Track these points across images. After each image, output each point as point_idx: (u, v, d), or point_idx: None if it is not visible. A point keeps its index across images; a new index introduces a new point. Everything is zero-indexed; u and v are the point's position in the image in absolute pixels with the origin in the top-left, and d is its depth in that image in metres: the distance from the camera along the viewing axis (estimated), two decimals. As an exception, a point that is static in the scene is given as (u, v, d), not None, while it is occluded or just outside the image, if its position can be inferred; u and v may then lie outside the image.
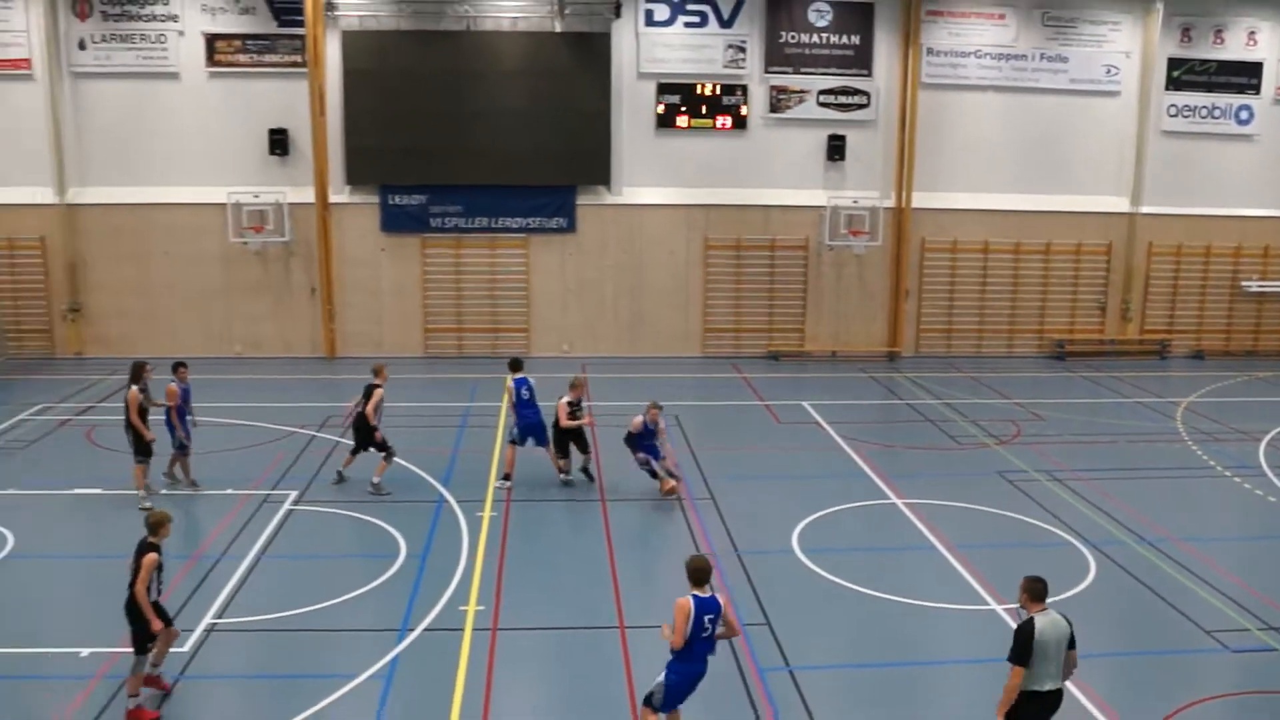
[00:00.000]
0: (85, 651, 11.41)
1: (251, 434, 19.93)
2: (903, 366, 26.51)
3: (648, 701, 9.28)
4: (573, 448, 17.17)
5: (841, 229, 26.20)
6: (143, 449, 15.90)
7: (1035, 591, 8.81)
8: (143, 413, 15.87)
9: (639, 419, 16.24)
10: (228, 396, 22.47)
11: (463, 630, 11.91)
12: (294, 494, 16.53)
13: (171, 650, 10.87)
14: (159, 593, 10.30)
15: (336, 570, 13.62)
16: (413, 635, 11.75)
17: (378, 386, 16.56)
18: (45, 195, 26.19)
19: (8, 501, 15.86)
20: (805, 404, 22.35)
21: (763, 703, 10.47)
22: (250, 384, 24.07)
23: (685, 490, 16.71)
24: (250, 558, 14.00)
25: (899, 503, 16.40)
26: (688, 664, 9.16)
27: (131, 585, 10.02)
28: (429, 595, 12.73)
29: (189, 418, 16.68)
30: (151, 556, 10.03)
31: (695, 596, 9.12)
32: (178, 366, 16.74)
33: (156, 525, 10.31)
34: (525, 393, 17.24)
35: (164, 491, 16.31)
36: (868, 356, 27.10)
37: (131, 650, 10.15)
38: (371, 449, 16.68)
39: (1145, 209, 27.61)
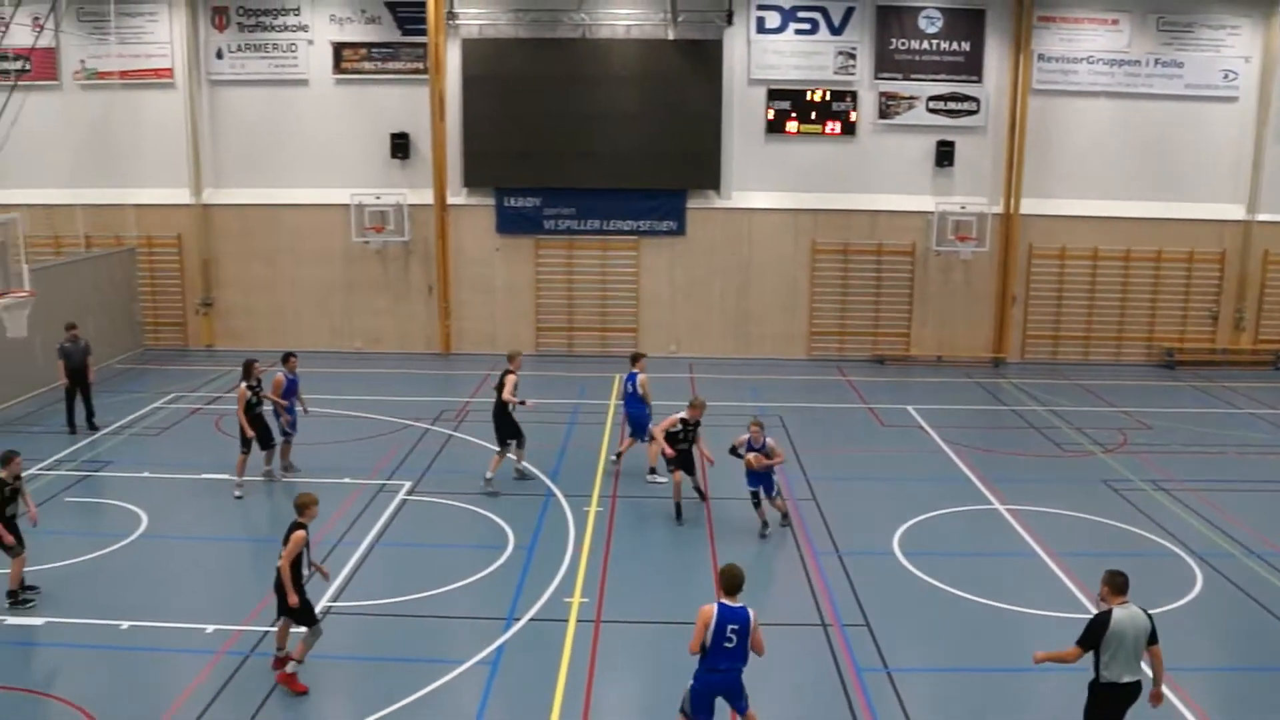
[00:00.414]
0: (210, 628, 12.27)
1: (369, 426, 20.85)
2: (1008, 372, 26.46)
3: (681, 707, 9.50)
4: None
5: (949, 234, 26.26)
6: (245, 441, 16.78)
7: (1116, 584, 9.02)
8: (249, 408, 16.76)
9: (743, 437, 15.37)
10: (347, 389, 23.48)
11: (567, 621, 12.41)
12: (408, 484, 17.33)
13: (290, 630, 11.68)
14: (307, 569, 11.08)
15: (447, 559, 14.29)
16: (519, 624, 12.30)
17: (510, 372, 17.19)
18: (182, 196, 27.64)
19: (142, 483, 16.92)
20: (909, 408, 22.53)
21: (860, 703, 10.73)
22: (368, 378, 25.06)
23: (789, 492, 17.04)
24: (365, 544, 14.77)
25: (1001, 508, 16.50)
26: (707, 672, 9.27)
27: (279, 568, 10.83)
28: (535, 586, 13.30)
29: (297, 408, 17.79)
30: (299, 534, 10.80)
31: (721, 605, 9.20)
32: (287, 357, 17.99)
33: (303, 507, 11.06)
34: (629, 387, 18.02)
35: (275, 479, 17.26)
36: (973, 361, 27.10)
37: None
38: (501, 444, 17.10)
39: (1262, 216, 27.04)
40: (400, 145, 27.02)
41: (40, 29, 23.80)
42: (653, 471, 17.80)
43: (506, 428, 17.18)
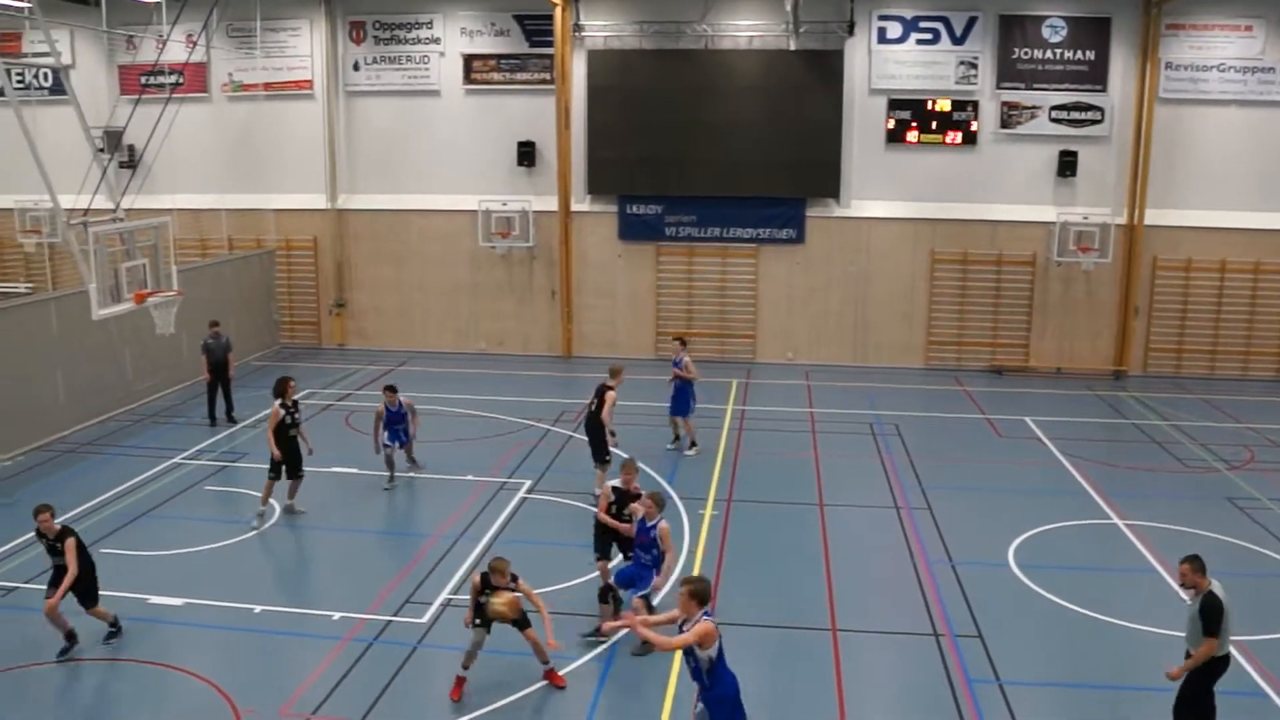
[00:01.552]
0: (336, 615, 12.97)
1: (491, 425, 21.52)
2: (1129, 385, 26.00)
3: None
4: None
5: (1070, 245, 25.91)
6: (273, 465, 16.09)
7: (1200, 564, 9.55)
8: (281, 429, 16.11)
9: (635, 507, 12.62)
10: (470, 389, 24.24)
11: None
12: (528, 483, 17.90)
13: (409, 620, 12.26)
14: None
15: (564, 557, 14.69)
16: (634, 623, 12.75)
17: (610, 388, 17.12)
18: (318, 201, 28.84)
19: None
20: (1027, 419, 22.36)
21: (970, 713, 10.83)
22: (491, 379, 25.78)
23: (903, 499, 17.19)
24: (485, 540, 15.34)
25: (1120, 523, 16.34)
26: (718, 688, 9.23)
27: None
28: (647, 585, 13.72)
29: (398, 439, 17.58)
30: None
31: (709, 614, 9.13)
32: (387, 389, 17.68)
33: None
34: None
35: (295, 512, 16.55)
36: (1093, 374, 26.70)
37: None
38: (596, 460, 17.13)
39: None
40: (526, 153, 27.75)
41: (193, 45, 25.10)
42: (693, 445, 19.71)
43: (601, 446, 17.13)
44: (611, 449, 17.16)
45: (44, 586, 12.13)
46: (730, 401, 23.53)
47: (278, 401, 16.19)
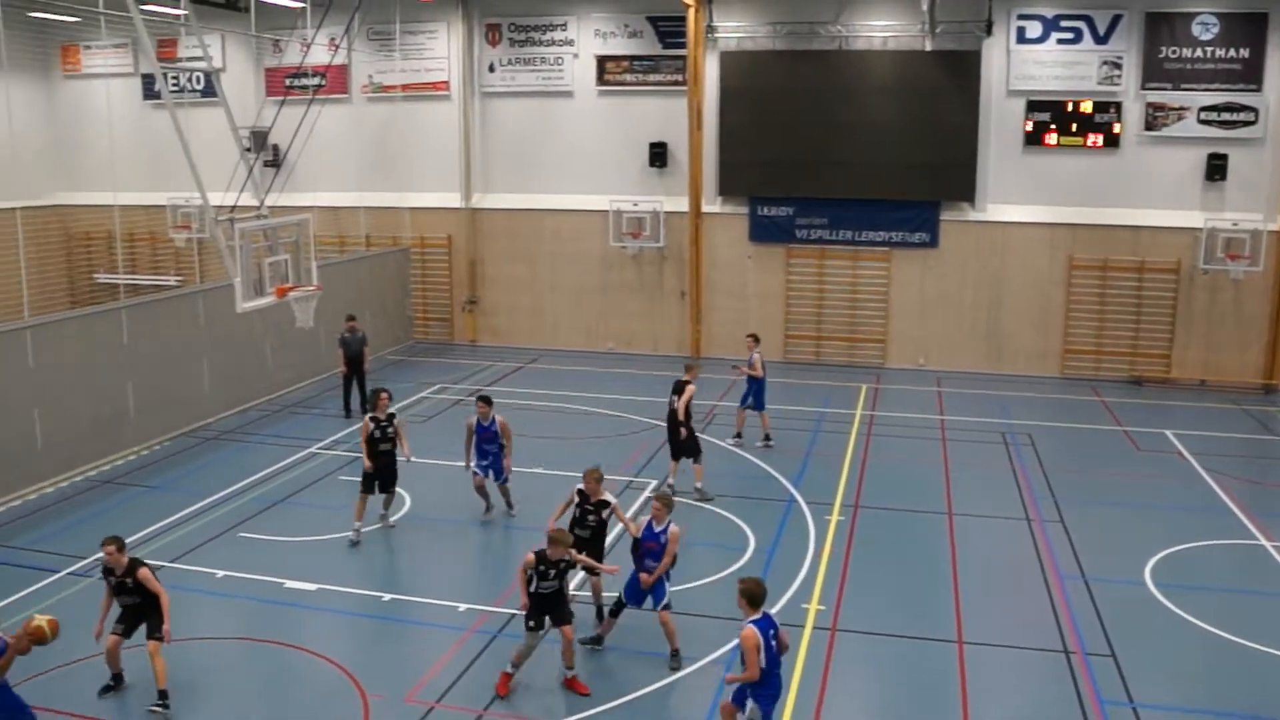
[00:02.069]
0: (462, 606, 13.23)
1: (619, 424, 21.67)
2: (1281, 400, 24.97)
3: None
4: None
5: (1218, 252, 24.82)
6: (366, 480, 15.45)
7: None
8: (372, 443, 15.41)
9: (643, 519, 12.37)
10: (599, 388, 24.44)
11: (803, 627, 12.67)
12: (653, 483, 17.92)
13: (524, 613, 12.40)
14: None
15: (688, 557, 14.54)
16: (756, 625, 12.70)
17: (688, 383, 17.39)
18: (453, 200, 29.42)
19: (407, 468, 17.89)
20: (1167, 432, 21.59)
21: (1098, 733, 10.51)
22: (620, 378, 25.94)
23: (1035, 512, 16.79)
24: (610, 538, 15.40)
25: (1268, 544, 15.64)
26: (770, 688, 9.29)
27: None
28: (773, 590, 13.30)
29: (488, 467, 16.02)
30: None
31: (756, 622, 9.23)
32: (480, 400, 16.11)
33: (553, 543, 11.10)
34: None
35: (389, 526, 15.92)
36: (1240, 387, 25.57)
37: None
38: (688, 456, 17.27)
39: None
40: (658, 154, 27.87)
41: (335, 48, 25.80)
42: (767, 439, 20.03)
43: (682, 442, 17.24)
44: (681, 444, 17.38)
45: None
46: (859, 406, 23.27)
47: (368, 415, 15.66)
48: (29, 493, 17.22)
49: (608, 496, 12.75)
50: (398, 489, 16.11)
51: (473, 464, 15.99)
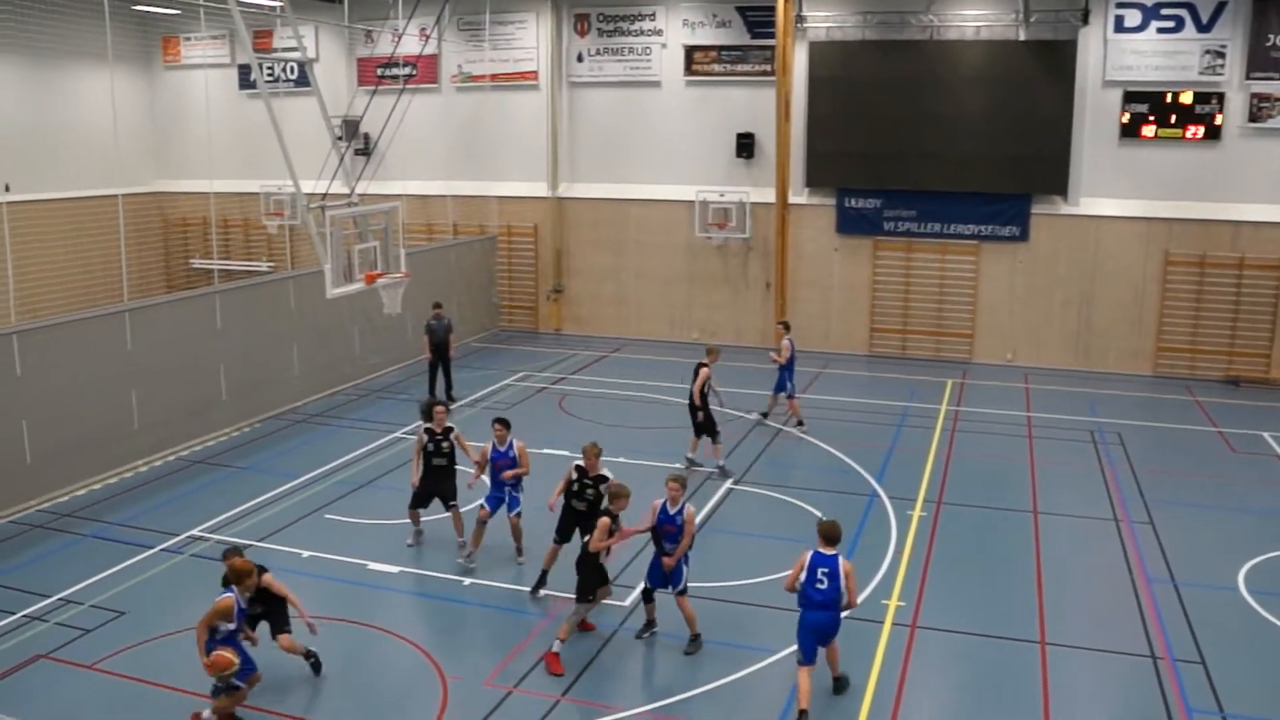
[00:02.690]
0: (542, 592, 13.32)
1: (702, 417, 21.62)
2: (1388, 402, 24.05)
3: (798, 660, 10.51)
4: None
5: (1323, 249, 24.10)
6: (415, 497, 14.72)
7: None
8: (425, 455, 14.57)
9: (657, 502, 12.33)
10: (682, 378, 24.31)
11: (882, 623, 12.57)
12: (735, 475, 17.95)
13: (610, 603, 12.49)
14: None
15: (768, 549, 14.66)
16: (835, 620, 12.62)
17: (705, 365, 17.99)
18: (540, 189, 29.60)
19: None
20: (1265, 434, 20.93)
21: (1187, 743, 10.27)
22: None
23: (1124, 512, 16.43)
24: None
25: (1371, 554, 15.09)
26: (802, 609, 10.54)
27: (585, 542, 11.64)
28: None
29: (497, 499, 14.30)
30: (604, 521, 11.59)
31: (816, 552, 10.60)
32: (497, 423, 14.27)
33: (614, 497, 11.86)
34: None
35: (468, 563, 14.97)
36: (1346, 388, 24.79)
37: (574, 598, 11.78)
38: (702, 434, 17.99)
39: None
40: (745, 145, 27.74)
41: (426, 39, 26.13)
42: (800, 424, 20.53)
43: (699, 424, 18.04)
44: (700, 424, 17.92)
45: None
46: (944, 401, 22.96)
47: (423, 427, 14.68)
48: (125, 471, 17.74)
49: (605, 471, 13.02)
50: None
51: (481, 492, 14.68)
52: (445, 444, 14.56)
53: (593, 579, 11.77)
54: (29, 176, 26.34)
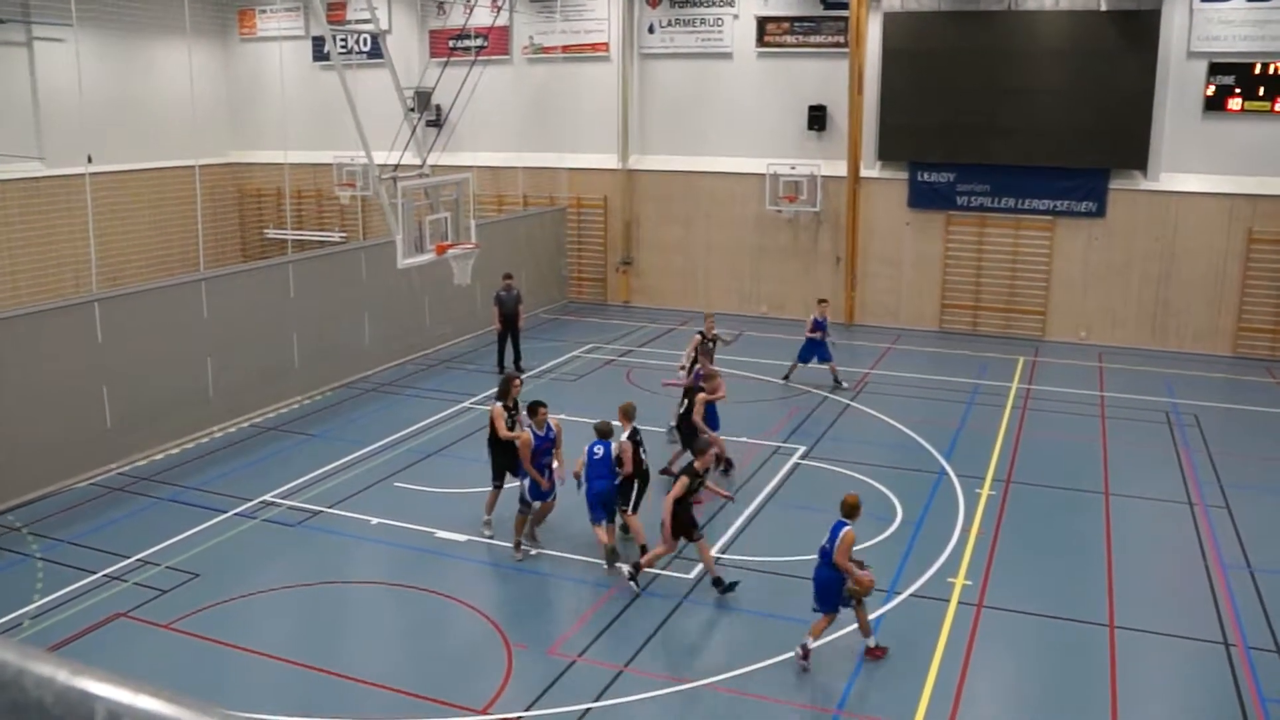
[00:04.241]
0: (607, 565, 13.35)
1: (770, 389, 21.56)
2: None
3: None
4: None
5: None
6: (498, 472, 14.35)
7: None
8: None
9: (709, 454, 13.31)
10: (751, 352, 24.27)
11: (948, 601, 12.47)
12: (802, 449, 17.84)
13: (679, 576, 12.52)
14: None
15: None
16: (899, 598, 12.49)
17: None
18: (610, 161, 29.56)
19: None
20: (1349, 418, 20.47)
21: (1261, 732, 10.07)
22: (772, 342, 25.65)
23: (1198, 496, 16.10)
24: (757, 502, 15.44)
25: None
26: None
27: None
28: (919, 562, 13.43)
29: (540, 492, 13.68)
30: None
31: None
32: (535, 408, 13.80)
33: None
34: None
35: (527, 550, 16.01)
36: None
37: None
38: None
39: None
40: (817, 117, 27.45)
41: (498, 10, 26.19)
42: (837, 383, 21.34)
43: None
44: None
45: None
46: (1015, 379, 22.63)
47: (499, 402, 14.37)
48: (201, 436, 18.11)
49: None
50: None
51: (525, 489, 13.78)
52: (519, 414, 14.31)
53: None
54: (110, 148, 26.85)
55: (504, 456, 14.23)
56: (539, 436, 13.57)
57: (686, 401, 16.12)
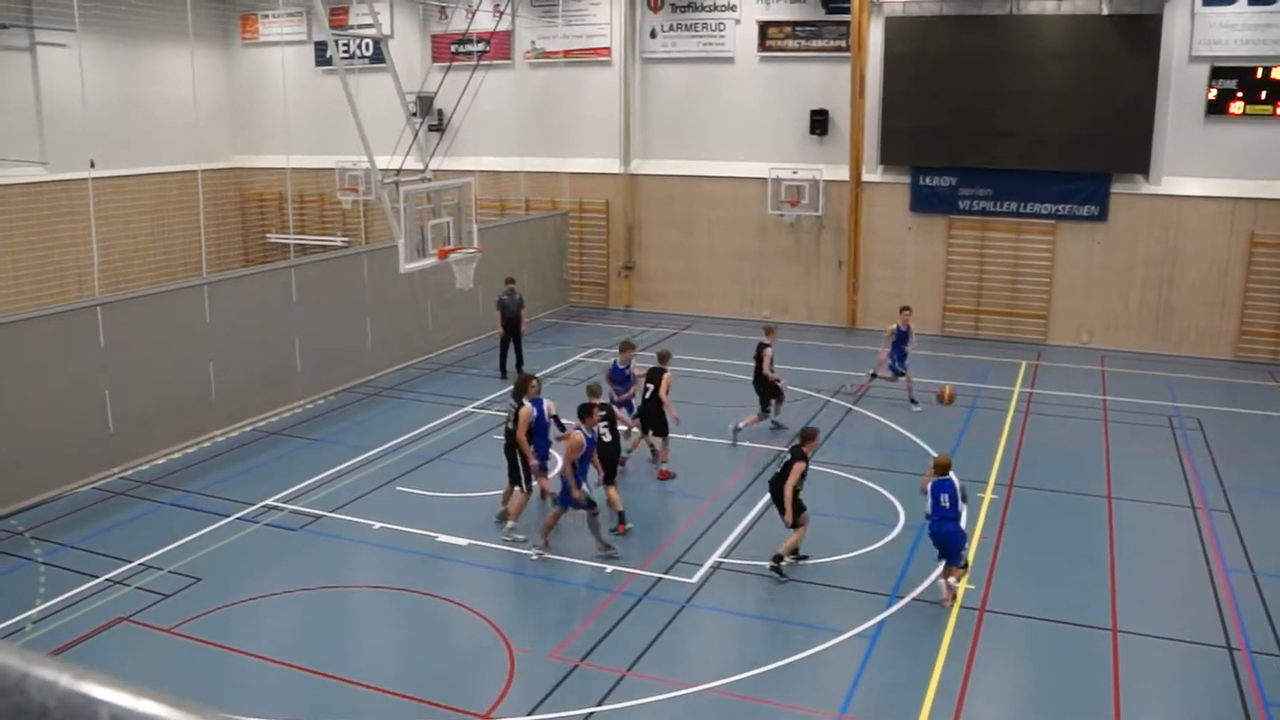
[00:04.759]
0: (609, 568, 13.39)
1: (771, 395, 21.53)
2: None
3: None
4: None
5: None
6: (523, 474, 14.54)
7: None
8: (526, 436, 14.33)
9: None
10: (752, 356, 24.29)
11: (950, 605, 12.51)
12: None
13: (681, 580, 12.50)
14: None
15: (837, 529, 14.60)
16: (902, 602, 12.48)
17: (767, 346, 18.50)
18: (612, 166, 29.58)
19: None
20: (1351, 421, 20.44)
21: (1264, 738, 10.04)
22: (774, 346, 25.72)
23: (1201, 500, 16.10)
24: (760, 506, 15.34)
25: None
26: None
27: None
28: (922, 567, 13.35)
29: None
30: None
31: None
32: (525, 385, 14.65)
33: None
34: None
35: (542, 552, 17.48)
36: None
37: None
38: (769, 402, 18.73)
39: None
40: (819, 122, 27.46)
41: (500, 15, 26.23)
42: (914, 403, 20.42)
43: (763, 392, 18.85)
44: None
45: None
46: (1018, 383, 22.61)
47: (517, 404, 14.48)
48: (203, 440, 18.12)
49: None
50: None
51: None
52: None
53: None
54: (113, 152, 26.89)
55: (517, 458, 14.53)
56: (588, 440, 13.53)
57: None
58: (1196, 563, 13.94)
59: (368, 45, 30.91)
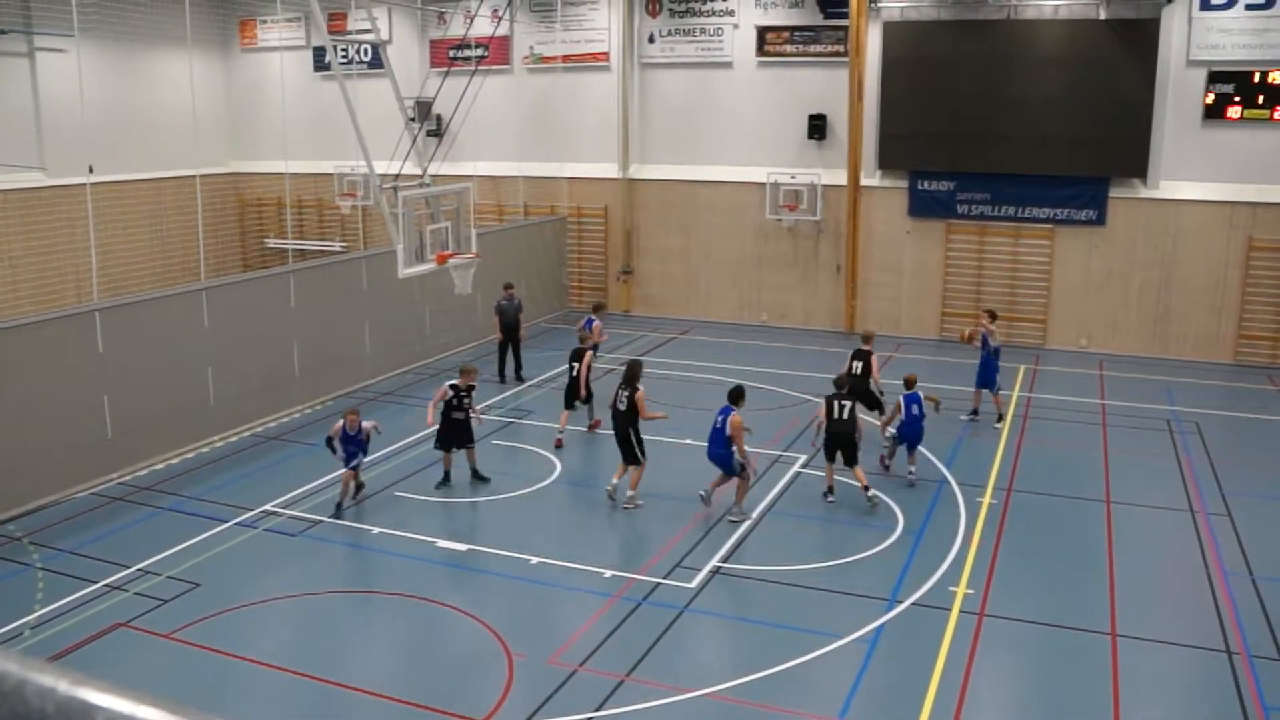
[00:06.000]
0: (608, 573, 13.38)
1: (770, 398, 21.50)
2: None
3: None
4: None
5: None
6: (441, 439, 16.43)
7: None
8: (446, 407, 16.10)
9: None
10: (751, 360, 24.35)
11: (950, 610, 12.43)
12: (803, 458, 17.77)
13: (679, 585, 12.49)
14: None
15: (834, 534, 14.67)
16: (900, 607, 12.47)
17: (871, 353, 18.66)
18: (610, 170, 29.62)
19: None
20: (1349, 425, 20.43)
21: (1262, 743, 10.02)
22: (772, 351, 25.77)
23: (1200, 504, 16.10)
24: (758, 511, 15.42)
25: None
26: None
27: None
28: (920, 571, 13.40)
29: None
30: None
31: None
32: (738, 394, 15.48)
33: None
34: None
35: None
36: None
37: None
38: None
39: None
40: (817, 126, 27.49)
41: (498, 20, 26.24)
42: (1000, 418, 20.12)
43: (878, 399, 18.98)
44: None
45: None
46: (1016, 388, 22.62)
47: (449, 383, 16.25)
48: (202, 445, 18.11)
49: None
50: (548, 453, 16.43)
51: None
52: (466, 400, 16.18)
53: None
54: (112, 158, 26.89)
55: (451, 430, 16.27)
56: (347, 434, 15.33)
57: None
58: (1195, 567, 13.94)
59: (366, 50, 30.93)
